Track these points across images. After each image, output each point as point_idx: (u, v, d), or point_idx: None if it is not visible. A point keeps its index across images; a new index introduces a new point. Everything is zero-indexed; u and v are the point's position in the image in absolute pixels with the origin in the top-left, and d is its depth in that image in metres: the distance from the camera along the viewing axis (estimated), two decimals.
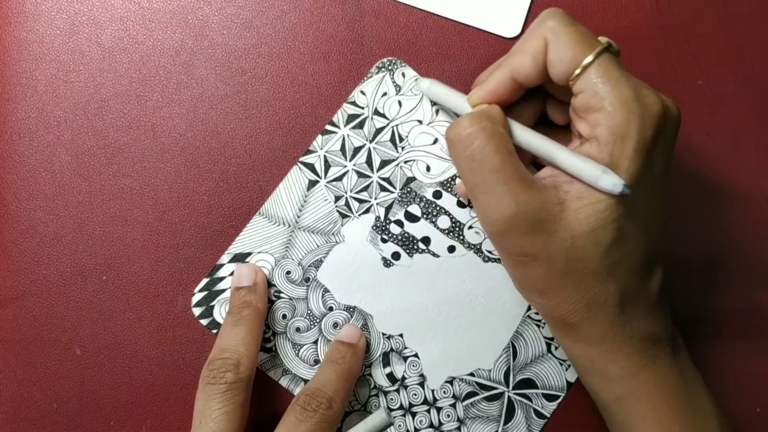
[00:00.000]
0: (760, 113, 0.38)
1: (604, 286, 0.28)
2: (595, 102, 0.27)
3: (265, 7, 0.37)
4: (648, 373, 0.29)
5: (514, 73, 0.29)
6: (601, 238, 0.27)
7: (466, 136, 0.28)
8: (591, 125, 0.28)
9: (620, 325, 0.29)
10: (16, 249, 0.36)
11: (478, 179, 0.28)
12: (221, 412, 0.31)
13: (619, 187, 0.26)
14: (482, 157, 0.28)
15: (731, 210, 0.37)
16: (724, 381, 0.37)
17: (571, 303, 0.29)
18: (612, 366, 0.29)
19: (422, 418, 0.36)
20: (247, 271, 0.35)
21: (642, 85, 0.28)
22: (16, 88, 0.37)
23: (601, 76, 0.27)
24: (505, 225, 0.28)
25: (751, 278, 0.37)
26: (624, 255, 0.28)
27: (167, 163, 0.37)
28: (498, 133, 0.28)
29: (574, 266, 0.28)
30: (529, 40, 0.29)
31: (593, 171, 0.27)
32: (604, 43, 0.28)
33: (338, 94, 0.37)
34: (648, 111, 0.27)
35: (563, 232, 0.27)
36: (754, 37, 0.38)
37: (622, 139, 0.27)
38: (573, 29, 0.28)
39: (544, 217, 0.27)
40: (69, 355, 0.36)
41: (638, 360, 0.29)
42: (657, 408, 0.29)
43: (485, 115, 0.29)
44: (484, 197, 0.28)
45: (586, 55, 0.27)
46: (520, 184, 0.27)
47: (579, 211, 0.27)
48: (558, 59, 0.28)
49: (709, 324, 0.37)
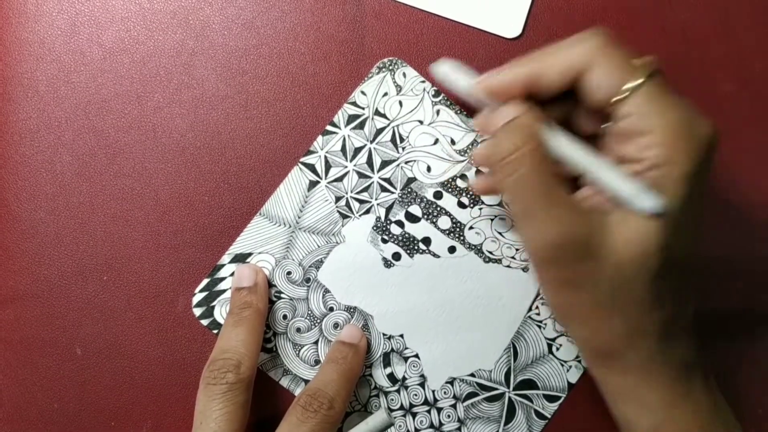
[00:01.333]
0: (760, 113, 0.37)
1: (649, 314, 0.27)
2: (645, 125, 0.27)
3: (265, 8, 0.37)
4: (686, 403, 0.28)
5: (534, 77, 0.28)
6: (648, 266, 0.26)
7: (514, 161, 0.27)
8: (639, 148, 0.27)
9: (660, 352, 0.28)
10: (18, 249, 0.36)
11: (524, 205, 0.27)
12: (222, 412, 0.31)
13: (658, 206, 0.25)
14: (527, 184, 0.27)
15: (731, 210, 0.37)
16: (726, 382, 0.37)
17: (614, 332, 0.28)
18: (650, 394, 0.28)
19: (423, 419, 0.36)
20: (247, 272, 0.35)
21: (693, 109, 0.27)
22: (18, 89, 0.37)
23: (654, 98, 0.27)
24: (551, 252, 0.27)
25: (751, 278, 0.37)
26: (669, 282, 0.27)
27: (168, 164, 0.37)
28: (544, 156, 0.27)
29: (620, 294, 0.27)
30: (564, 52, 0.28)
31: (632, 188, 0.26)
32: (651, 65, 0.27)
33: (339, 95, 0.37)
34: (699, 138, 0.26)
35: (609, 259, 0.26)
36: (754, 37, 0.38)
37: (671, 163, 0.26)
38: (619, 52, 0.27)
39: (590, 243, 0.26)
40: (70, 356, 0.36)
41: (677, 388, 0.28)
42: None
43: (530, 134, 0.28)
44: (530, 223, 0.27)
45: (631, 79, 0.27)
46: (565, 208, 0.27)
47: (626, 236, 0.26)
48: (601, 82, 0.27)
49: (709, 324, 0.37)
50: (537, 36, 0.37)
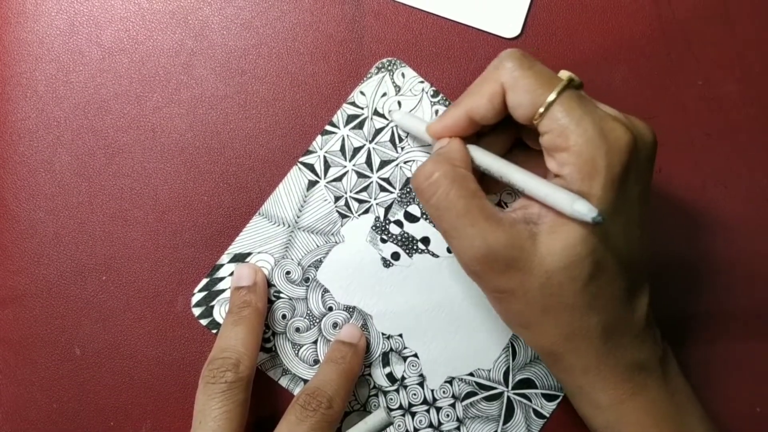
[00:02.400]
0: (760, 113, 0.37)
1: (584, 319, 0.28)
2: (561, 141, 0.27)
3: (264, 8, 0.37)
4: (637, 401, 0.29)
5: (470, 113, 0.30)
6: (577, 273, 0.27)
7: (429, 185, 0.28)
8: (559, 164, 0.27)
9: (605, 354, 0.29)
10: (16, 249, 0.36)
11: (447, 224, 0.28)
12: (221, 411, 0.31)
13: (592, 213, 0.25)
14: (447, 204, 0.28)
15: (731, 210, 0.37)
16: (724, 381, 0.37)
17: (553, 336, 0.28)
18: (600, 395, 0.29)
19: (422, 418, 0.36)
20: (247, 271, 0.35)
21: (608, 117, 0.27)
22: (16, 89, 0.37)
23: (564, 114, 0.27)
24: (479, 265, 0.28)
25: (751, 278, 0.37)
26: (603, 287, 0.28)
27: (167, 164, 0.37)
28: (459, 175, 0.28)
29: (552, 301, 0.28)
30: (486, 83, 0.29)
31: (566, 198, 0.26)
32: (565, 79, 0.28)
33: (338, 95, 0.37)
34: (615, 145, 0.27)
35: (538, 268, 0.27)
36: (754, 37, 0.38)
37: (590, 176, 0.27)
38: (531, 71, 0.28)
39: (516, 255, 0.27)
40: (69, 355, 0.36)
41: (626, 388, 0.29)
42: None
43: (445, 159, 0.29)
44: (456, 241, 0.28)
45: (546, 96, 0.27)
46: (488, 223, 0.27)
47: (552, 246, 0.27)
48: (518, 103, 0.28)
49: (709, 324, 0.37)
50: (536, 36, 0.37)
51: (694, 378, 0.35)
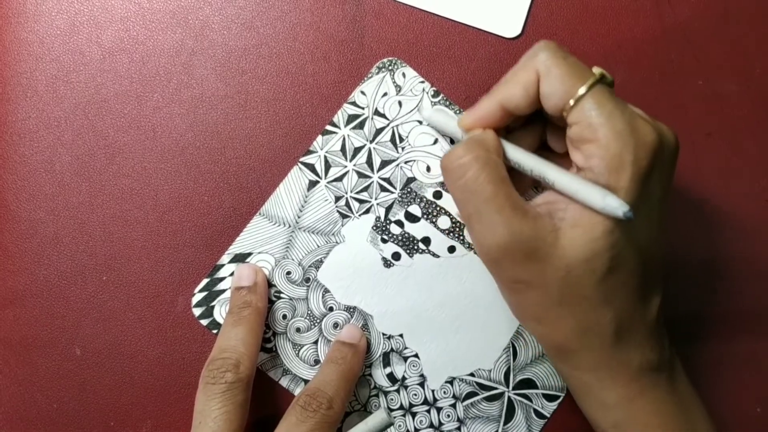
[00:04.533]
0: (760, 113, 0.38)
1: (600, 314, 0.28)
2: (589, 133, 0.27)
3: (265, 8, 0.37)
4: (644, 401, 0.29)
5: (504, 102, 0.30)
6: (597, 267, 0.27)
7: (459, 166, 0.28)
8: (585, 156, 0.28)
9: (616, 352, 0.29)
10: (17, 249, 0.36)
11: (472, 208, 0.28)
12: (221, 411, 0.31)
13: (624, 208, 0.26)
14: (476, 187, 0.28)
15: (731, 210, 0.37)
16: (725, 381, 0.37)
17: (567, 330, 0.29)
18: (608, 393, 0.29)
19: (422, 418, 0.36)
20: (247, 272, 0.35)
21: (636, 115, 0.28)
22: (17, 89, 0.37)
23: (595, 107, 0.27)
24: (499, 253, 0.28)
25: (751, 278, 0.37)
26: (620, 283, 0.28)
27: (167, 164, 0.37)
28: (491, 161, 0.28)
29: (569, 294, 0.28)
30: (521, 72, 0.29)
31: (597, 192, 0.27)
32: (597, 74, 0.28)
33: (338, 95, 0.37)
34: (642, 142, 0.27)
35: (558, 261, 0.27)
36: (754, 37, 0.38)
37: (616, 170, 0.27)
38: (565, 62, 0.28)
39: (538, 246, 0.27)
40: (69, 356, 0.36)
41: (635, 387, 0.29)
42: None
43: (478, 143, 0.29)
44: (479, 226, 0.28)
45: (578, 88, 0.27)
46: (514, 212, 0.27)
47: (574, 239, 0.27)
48: (551, 92, 0.28)
49: (709, 324, 0.37)
50: (536, 35, 0.37)
51: (696, 378, 0.35)
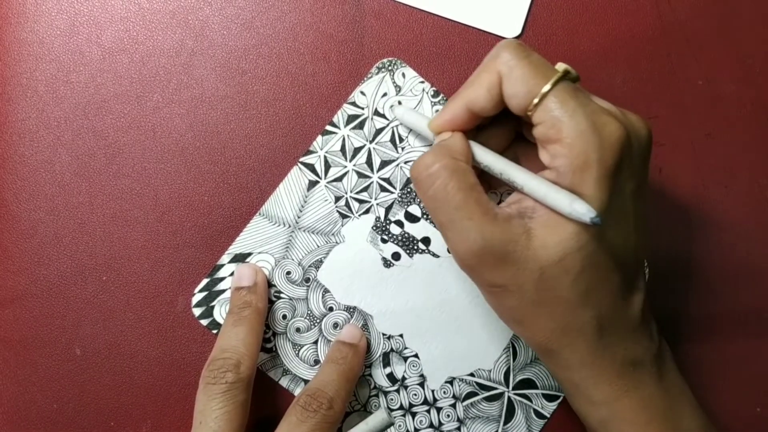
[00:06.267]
0: (760, 113, 0.38)
1: (579, 313, 0.28)
2: (553, 133, 0.27)
3: (265, 8, 0.37)
4: (631, 398, 0.29)
5: (469, 105, 0.30)
6: (570, 266, 0.27)
7: (427, 176, 0.28)
8: (551, 156, 0.27)
9: (600, 350, 0.29)
10: (17, 249, 0.36)
11: (443, 217, 0.28)
12: (222, 412, 0.31)
13: (591, 214, 0.26)
14: (445, 195, 0.28)
15: (731, 210, 0.37)
16: (724, 381, 0.37)
17: (547, 331, 0.28)
18: (594, 391, 0.29)
19: (422, 418, 0.36)
20: (247, 272, 0.35)
21: (601, 111, 0.27)
22: (17, 89, 0.37)
23: (558, 106, 0.27)
24: (473, 259, 0.28)
25: (751, 278, 0.37)
26: (596, 281, 0.28)
27: (167, 164, 0.37)
28: (459, 168, 0.28)
29: (546, 295, 0.28)
30: (483, 73, 0.29)
31: (564, 198, 0.26)
32: (560, 71, 0.28)
33: (338, 95, 0.37)
34: (607, 139, 0.27)
35: (531, 263, 0.27)
36: (754, 37, 0.38)
37: (581, 170, 0.27)
38: (527, 61, 0.28)
39: (510, 249, 0.27)
40: (69, 356, 0.36)
41: (621, 385, 0.29)
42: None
43: (445, 151, 0.29)
44: (451, 234, 0.28)
45: (541, 87, 0.27)
46: (485, 217, 0.27)
47: (545, 240, 0.27)
48: (513, 93, 0.28)
49: (709, 324, 0.37)
50: (536, 36, 0.37)
51: (695, 378, 0.35)
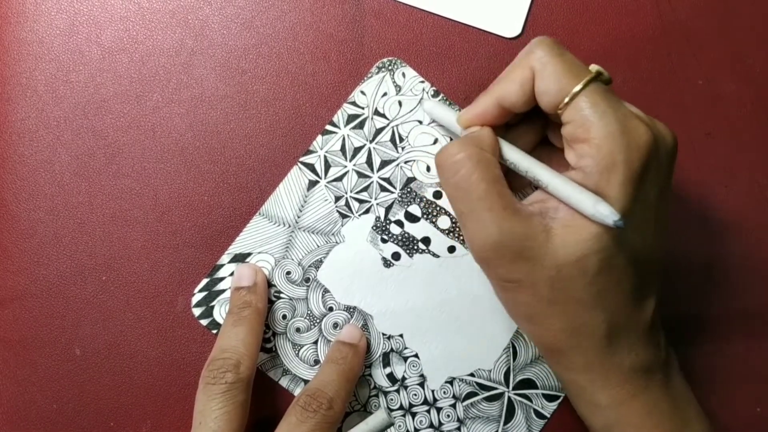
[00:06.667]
0: (760, 113, 0.38)
1: (591, 315, 0.28)
2: (582, 133, 0.27)
3: (265, 7, 0.37)
4: (637, 403, 0.29)
5: (500, 100, 0.30)
6: (587, 268, 0.27)
7: (453, 163, 0.28)
8: (578, 156, 0.28)
9: (608, 354, 0.29)
10: (16, 249, 0.36)
11: (464, 206, 0.28)
12: (221, 412, 0.31)
13: (614, 216, 0.26)
14: (468, 185, 0.28)
15: (731, 210, 0.37)
16: (725, 381, 0.37)
17: (557, 330, 0.28)
18: (600, 394, 0.29)
19: (422, 419, 0.36)
20: (247, 272, 0.35)
21: (631, 115, 0.27)
22: (16, 88, 0.37)
23: (588, 106, 0.27)
24: (490, 252, 0.28)
25: (751, 278, 0.37)
26: (612, 285, 0.28)
27: (167, 164, 0.37)
28: (485, 159, 0.28)
29: (559, 294, 0.28)
30: (517, 69, 0.29)
31: (589, 199, 0.26)
32: (593, 71, 0.28)
33: (338, 94, 0.37)
34: (635, 143, 0.27)
35: (548, 260, 0.27)
36: (754, 37, 0.38)
37: (608, 171, 0.27)
38: (561, 59, 0.28)
39: (529, 245, 0.27)
40: (69, 356, 0.36)
41: (627, 389, 0.29)
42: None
43: (473, 141, 0.29)
44: (470, 224, 0.28)
45: (573, 86, 0.27)
46: (506, 211, 0.27)
47: (565, 240, 0.27)
48: (545, 89, 0.28)
49: (709, 324, 0.37)
50: (536, 35, 0.37)
51: (695, 378, 0.35)
